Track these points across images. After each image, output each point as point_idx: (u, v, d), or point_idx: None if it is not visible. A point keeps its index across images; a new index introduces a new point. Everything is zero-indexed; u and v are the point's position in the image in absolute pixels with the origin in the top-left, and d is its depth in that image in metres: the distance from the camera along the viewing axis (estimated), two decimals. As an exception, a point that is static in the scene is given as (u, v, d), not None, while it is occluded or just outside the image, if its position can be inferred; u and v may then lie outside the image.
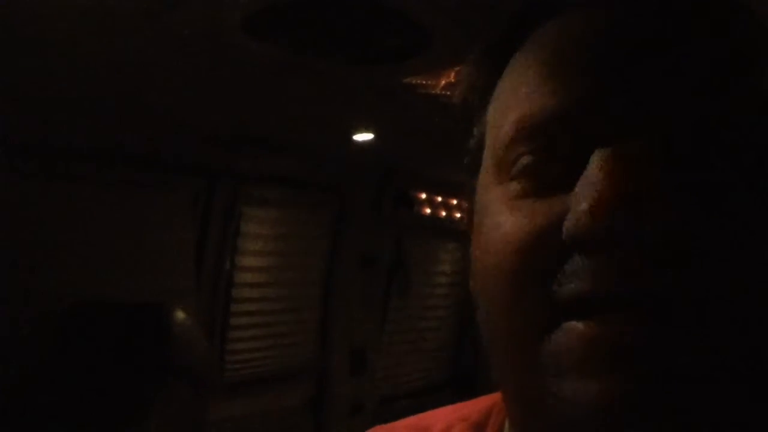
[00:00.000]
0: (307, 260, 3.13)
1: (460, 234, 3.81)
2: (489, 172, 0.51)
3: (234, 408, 2.84)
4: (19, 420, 1.79)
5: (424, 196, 3.49)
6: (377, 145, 2.59)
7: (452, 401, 0.74)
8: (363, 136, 2.46)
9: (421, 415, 0.73)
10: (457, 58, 1.70)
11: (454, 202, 3.66)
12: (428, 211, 3.52)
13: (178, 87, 1.91)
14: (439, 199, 3.59)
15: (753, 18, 0.47)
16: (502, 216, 0.47)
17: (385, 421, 0.75)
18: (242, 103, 2.11)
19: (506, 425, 0.61)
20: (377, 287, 3.44)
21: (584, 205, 0.40)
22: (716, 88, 0.43)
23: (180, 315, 1.94)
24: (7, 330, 1.97)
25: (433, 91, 1.96)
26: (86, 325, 1.91)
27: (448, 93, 1.96)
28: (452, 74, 1.85)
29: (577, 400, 0.40)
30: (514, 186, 0.47)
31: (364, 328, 3.41)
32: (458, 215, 3.68)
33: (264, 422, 2.98)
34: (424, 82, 1.90)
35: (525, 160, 0.47)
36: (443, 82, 1.90)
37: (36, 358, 1.90)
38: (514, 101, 0.49)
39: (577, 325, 0.41)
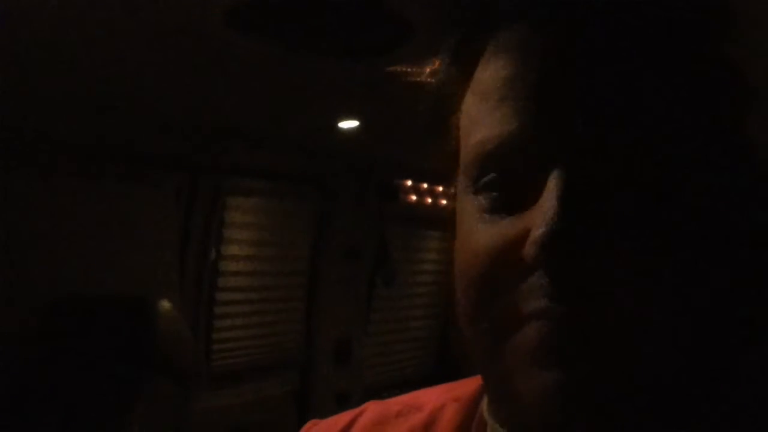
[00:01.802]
0: (292, 250, 3.13)
1: (446, 222, 3.82)
2: (462, 180, 0.54)
3: (219, 398, 2.84)
4: (2, 413, 1.78)
5: (409, 183, 3.49)
6: (361, 135, 2.58)
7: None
8: (347, 124, 2.45)
9: (413, 394, 0.74)
10: (440, 49, 1.70)
11: (440, 189, 3.66)
12: (414, 198, 3.52)
13: (161, 80, 1.90)
14: (425, 186, 3.58)
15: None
16: (473, 227, 0.51)
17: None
18: (226, 96, 2.10)
19: (485, 405, 0.62)
20: (362, 277, 3.44)
21: (539, 233, 0.44)
22: (663, 115, 0.46)
23: (164, 307, 1.94)
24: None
25: (418, 79, 1.96)
26: (70, 320, 1.90)
27: (433, 80, 1.96)
28: (437, 62, 1.84)
29: (539, 387, 0.46)
30: (481, 200, 0.51)
31: (349, 318, 3.41)
32: (444, 202, 3.68)
33: (249, 412, 2.98)
34: (408, 70, 1.90)
35: (488, 178, 0.50)
36: (428, 69, 1.89)
37: (20, 352, 1.89)
38: (476, 121, 0.52)
39: (537, 324, 0.46)
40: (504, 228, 0.48)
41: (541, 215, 0.44)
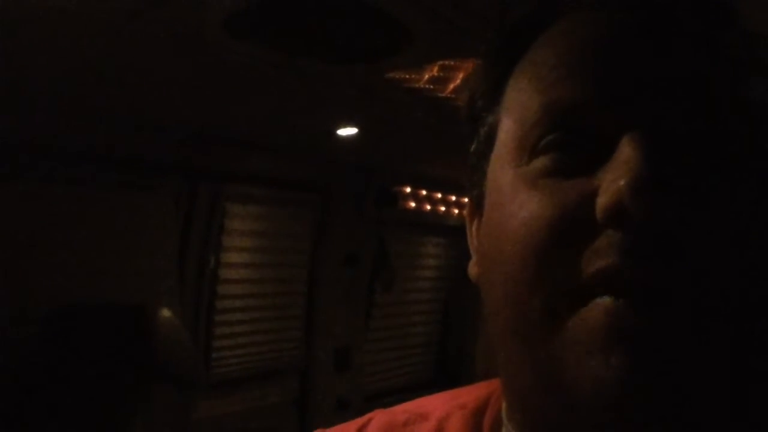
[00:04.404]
0: (291, 257, 3.13)
1: (446, 228, 3.83)
2: (506, 154, 0.53)
3: (219, 406, 2.83)
4: (4, 421, 1.78)
5: (408, 190, 3.49)
6: (360, 141, 2.58)
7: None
8: (346, 131, 2.46)
9: (418, 401, 0.73)
10: (438, 54, 1.70)
11: (439, 195, 3.66)
12: (413, 204, 3.52)
13: (160, 87, 1.89)
14: (423, 192, 3.58)
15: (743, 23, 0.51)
16: (524, 195, 0.48)
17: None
18: (224, 102, 2.10)
19: (503, 412, 0.61)
20: (361, 284, 3.44)
21: (622, 182, 0.42)
22: (721, 86, 0.46)
23: (164, 315, 1.94)
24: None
25: (417, 86, 1.96)
26: (70, 328, 1.89)
27: (432, 87, 1.96)
28: (435, 68, 1.84)
29: (597, 375, 0.41)
30: (538, 165, 0.49)
31: (349, 325, 3.41)
32: (443, 209, 3.68)
33: (249, 420, 2.97)
34: (407, 77, 1.90)
35: (550, 139, 0.48)
36: (426, 76, 1.89)
37: (19, 361, 1.89)
38: (537, 88, 0.50)
39: (604, 302, 0.42)
40: (565, 189, 0.46)
41: (621, 166, 0.42)
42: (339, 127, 2.42)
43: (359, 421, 0.72)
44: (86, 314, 1.95)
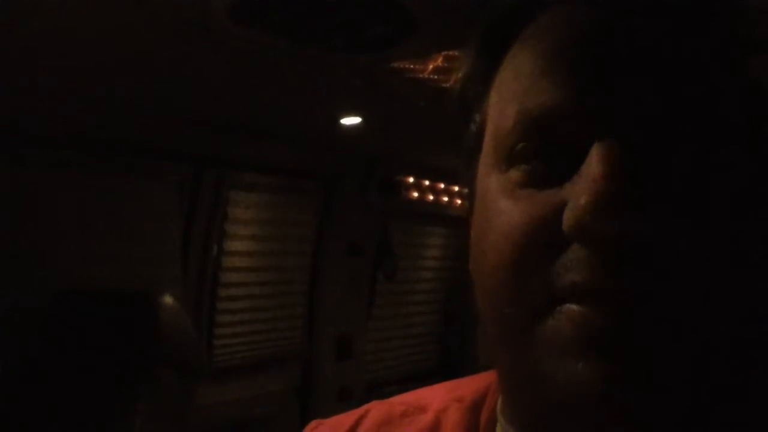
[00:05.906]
0: (294, 246, 3.13)
1: (448, 219, 3.83)
2: (490, 158, 0.53)
3: (221, 393, 2.84)
4: (5, 410, 1.79)
5: (411, 180, 3.49)
6: (364, 131, 2.58)
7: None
8: (349, 120, 2.45)
9: (416, 393, 0.73)
10: (443, 44, 1.70)
11: (442, 186, 3.66)
12: (415, 195, 3.52)
13: (164, 73, 1.89)
14: (427, 183, 3.58)
15: (734, 19, 0.49)
16: (502, 204, 0.49)
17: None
18: (228, 90, 2.10)
19: (498, 406, 0.61)
20: (364, 273, 3.45)
21: (584, 200, 0.42)
22: (706, 88, 0.45)
23: (167, 301, 1.94)
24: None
25: (421, 76, 1.95)
26: (72, 314, 1.90)
27: (436, 77, 1.96)
28: (440, 58, 1.84)
29: (572, 380, 0.43)
30: (514, 174, 0.49)
31: (351, 313, 3.41)
32: (446, 199, 3.68)
33: (251, 407, 2.98)
34: (411, 67, 1.89)
35: (524, 149, 0.49)
36: (431, 66, 1.89)
37: (22, 347, 1.89)
38: (515, 92, 0.50)
39: (573, 310, 0.43)
40: (538, 201, 0.47)
41: (586, 182, 0.42)
42: (343, 117, 2.42)
43: (357, 412, 0.72)
44: (89, 300, 1.96)
